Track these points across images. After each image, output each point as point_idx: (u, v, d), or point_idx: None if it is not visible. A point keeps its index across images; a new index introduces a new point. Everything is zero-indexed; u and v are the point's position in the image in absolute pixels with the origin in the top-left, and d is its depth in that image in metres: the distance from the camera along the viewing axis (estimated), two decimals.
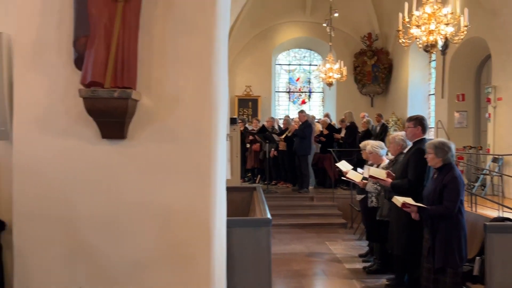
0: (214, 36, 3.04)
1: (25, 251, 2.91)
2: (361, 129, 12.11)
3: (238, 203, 6.48)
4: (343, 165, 6.82)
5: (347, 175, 6.54)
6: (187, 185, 2.99)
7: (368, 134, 11.46)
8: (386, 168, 5.83)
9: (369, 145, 6.41)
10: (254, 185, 9.38)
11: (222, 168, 3.32)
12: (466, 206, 5.73)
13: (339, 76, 14.12)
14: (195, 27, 2.99)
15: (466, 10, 7.77)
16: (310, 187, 11.52)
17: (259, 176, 12.50)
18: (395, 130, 13.56)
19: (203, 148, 3.01)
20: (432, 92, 14.35)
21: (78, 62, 2.82)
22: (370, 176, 5.59)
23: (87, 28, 2.76)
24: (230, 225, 3.73)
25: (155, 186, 2.96)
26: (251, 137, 12.27)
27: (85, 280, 2.94)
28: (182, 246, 2.97)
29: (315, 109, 17.66)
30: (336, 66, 14.06)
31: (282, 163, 12.03)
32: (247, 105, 16.74)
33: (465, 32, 7.79)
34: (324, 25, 14.46)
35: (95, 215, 2.93)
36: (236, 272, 3.91)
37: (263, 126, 12.21)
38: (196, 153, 3.00)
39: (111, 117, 2.81)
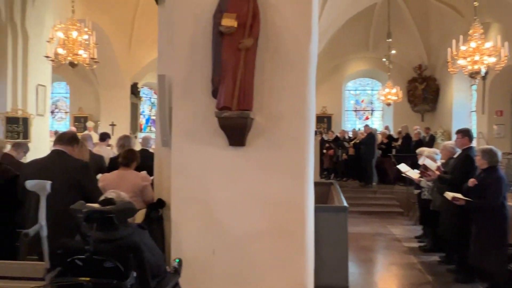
0: (307, 71, 3.06)
1: (178, 222, 3.08)
2: (414, 139, 11.58)
3: (319, 194, 6.44)
4: (403, 167, 6.55)
5: (407, 173, 6.28)
6: (288, 180, 3.01)
7: (419, 143, 10.88)
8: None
9: (425, 151, 6.09)
10: (330, 180, 9.24)
11: (311, 168, 3.32)
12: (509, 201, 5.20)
13: (396, 98, 13.53)
14: (294, 65, 3.03)
15: (506, 44, 7.09)
16: (374, 183, 11.15)
17: (333, 174, 12.32)
18: (442, 140, 12.70)
19: (299, 153, 3.03)
20: (473, 109, 13.23)
21: (214, 93, 2.98)
22: (423, 166, 5.29)
23: (220, 70, 2.91)
24: (317, 211, 3.71)
25: (265, 180, 3.02)
26: (327, 145, 12.17)
27: (216, 246, 3.06)
28: (284, 224, 3.00)
29: (377, 123, 17.02)
30: (394, 90, 13.48)
31: (351, 164, 11.77)
32: (323, 121, 16.61)
33: (506, 61, 7.11)
34: (384, 60, 13.94)
35: (224, 199, 3.04)
36: (321, 245, 3.87)
37: (337, 136, 12.10)
38: (294, 157, 3.02)
39: (236, 130, 2.93)
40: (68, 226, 2.38)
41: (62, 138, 3.21)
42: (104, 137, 6.04)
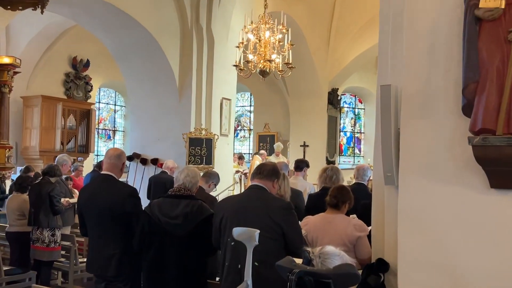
0: None
1: None
2: None
3: None
4: None
5: None
6: None
7: None
8: None
9: None
10: None
11: None
12: None
13: None
14: None
15: None
16: None
17: None
18: None
19: None
20: None
21: (466, 109, 2.80)
22: None
23: (477, 74, 2.73)
24: None
25: None
26: None
27: None
28: None
29: None
30: None
31: None
32: None
33: None
34: None
35: (481, 269, 2.81)
36: None
37: None
38: None
39: (503, 165, 2.68)
40: (271, 281, 2.54)
41: (262, 171, 3.55)
42: (300, 165, 6.44)
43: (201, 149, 10.75)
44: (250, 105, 19.17)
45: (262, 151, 13.37)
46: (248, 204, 3.44)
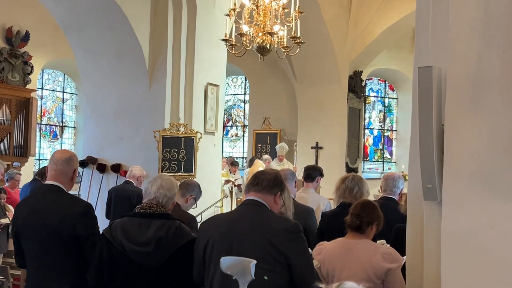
0: None
1: None
2: None
3: None
4: None
5: None
6: None
7: None
8: None
9: None
10: None
11: None
12: None
13: None
14: None
15: None
16: None
17: None
18: None
19: None
20: None
21: None
22: None
23: None
24: None
25: None
26: None
27: None
28: None
29: None
30: None
31: None
32: None
33: None
34: None
35: None
36: None
37: None
38: None
39: None
40: None
41: (260, 181, 3.55)
42: (312, 173, 6.43)
43: (178, 151, 10.75)
44: (245, 93, 19.22)
45: (266, 156, 13.39)
46: (241, 226, 3.44)
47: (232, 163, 14.18)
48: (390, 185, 5.54)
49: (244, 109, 19.16)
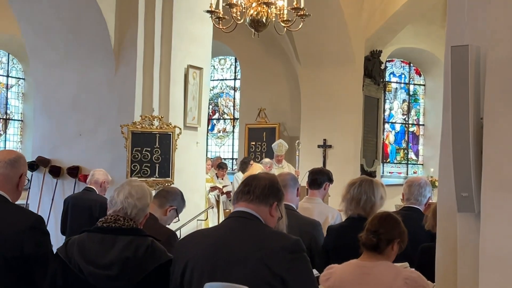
0: None
1: None
2: None
3: None
4: None
5: None
6: None
7: None
8: None
9: None
10: None
11: None
12: None
13: None
14: None
15: None
16: None
17: None
18: None
19: None
20: None
21: None
22: None
23: None
24: None
25: None
26: None
27: None
28: None
29: None
30: None
31: None
32: None
33: None
34: None
35: None
36: None
37: None
38: None
39: None
40: None
41: (253, 188, 3.57)
42: (318, 179, 6.42)
43: (152, 151, 10.77)
44: (235, 79, 19.27)
45: (266, 160, 13.42)
46: (229, 244, 3.45)
47: (219, 166, 14.20)
48: (415, 193, 5.55)
49: (234, 98, 19.20)
